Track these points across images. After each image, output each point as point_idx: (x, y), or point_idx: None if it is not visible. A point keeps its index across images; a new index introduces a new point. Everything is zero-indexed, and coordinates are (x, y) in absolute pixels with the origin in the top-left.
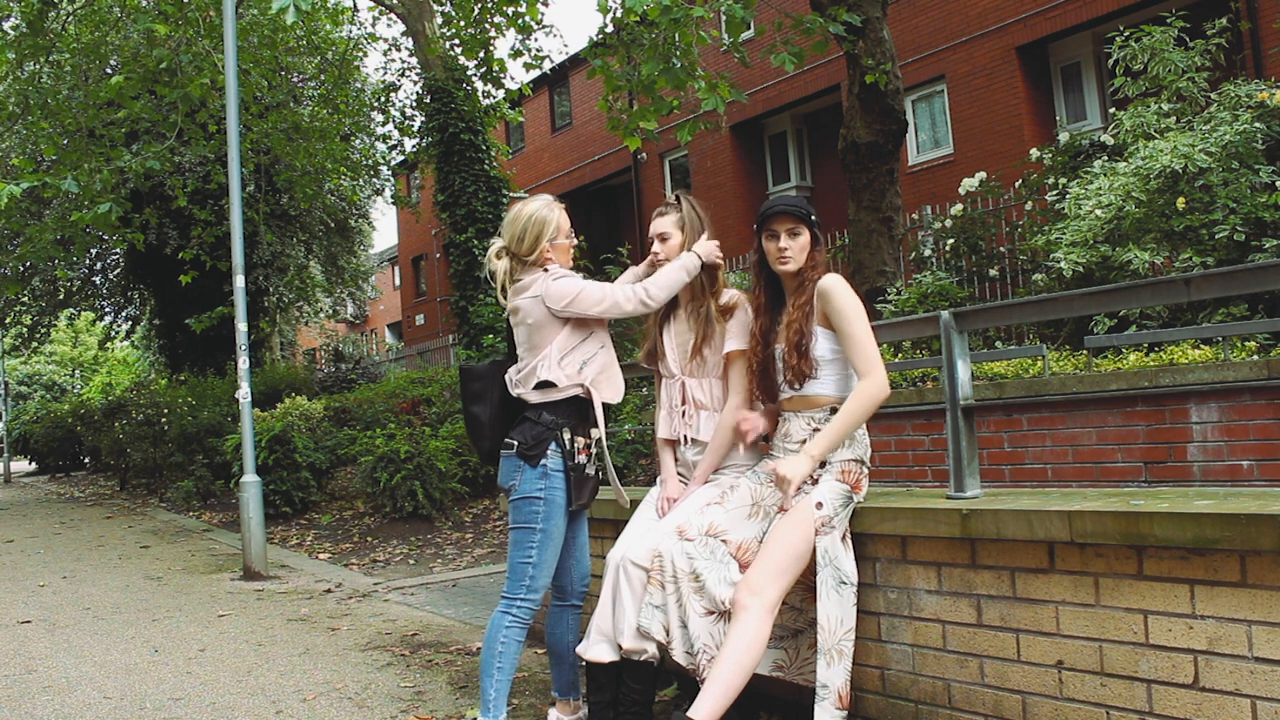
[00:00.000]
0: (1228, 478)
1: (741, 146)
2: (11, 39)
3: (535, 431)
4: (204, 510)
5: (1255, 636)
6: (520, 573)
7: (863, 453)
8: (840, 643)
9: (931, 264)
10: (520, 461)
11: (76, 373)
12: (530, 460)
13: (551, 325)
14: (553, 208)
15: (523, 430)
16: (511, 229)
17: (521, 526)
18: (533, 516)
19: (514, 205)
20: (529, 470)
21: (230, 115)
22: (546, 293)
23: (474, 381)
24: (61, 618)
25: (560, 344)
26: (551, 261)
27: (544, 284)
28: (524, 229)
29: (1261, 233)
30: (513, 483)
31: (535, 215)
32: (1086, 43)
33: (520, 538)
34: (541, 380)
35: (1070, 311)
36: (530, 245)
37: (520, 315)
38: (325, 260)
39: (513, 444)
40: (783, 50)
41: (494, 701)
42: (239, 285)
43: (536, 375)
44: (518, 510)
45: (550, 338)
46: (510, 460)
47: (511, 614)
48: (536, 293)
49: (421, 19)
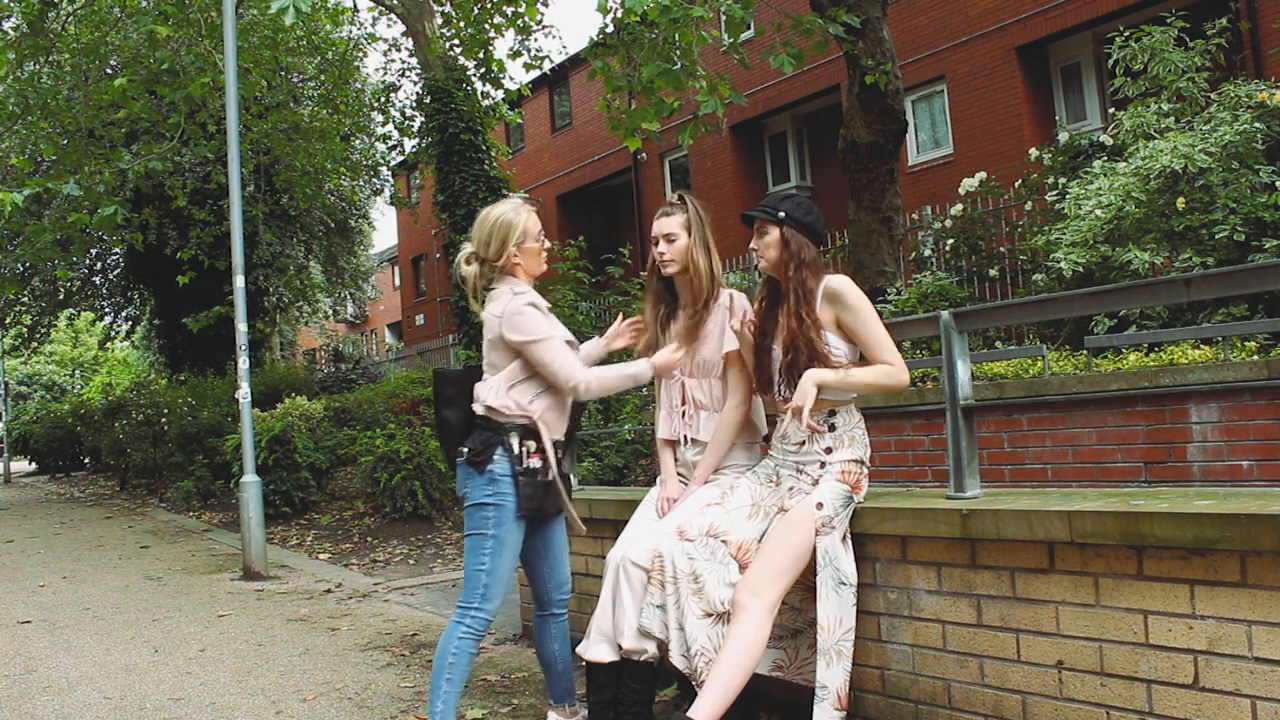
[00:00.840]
0: (1228, 478)
1: (741, 146)
2: (12, 39)
3: (483, 437)
4: (204, 510)
5: (1255, 636)
6: (474, 581)
7: (863, 453)
8: (839, 643)
9: (931, 264)
10: (470, 469)
11: (76, 373)
12: (478, 466)
13: (506, 349)
14: (520, 210)
15: (473, 436)
16: (479, 233)
17: (474, 534)
18: (483, 523)
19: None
20: (477, 476)
21: (230, 115)
22: (506, 318)
23: (447, 386)
24: (61, 618)
25: (511, 372)
26: (519, 268)
27: (507, 305)
28: (490, 233)
29: (1261, 233)
30: (465, 490)
31: (501, 219)
32: (1086, 43)
33: (473, 544)
34: (488, 405)
35: (1070, 311)
36: (497, 250)
37: (485, 328)
38: (325, 260)
39: (463, 451)
40: (782, 51)
41: (440, 714)
42: (239, 285)
43: (484, 399)
44: (470, 517)
45: (505, 361)
46: (463, 467)
47: (465, 624)
48: (498, 312)
49: (421, 19)
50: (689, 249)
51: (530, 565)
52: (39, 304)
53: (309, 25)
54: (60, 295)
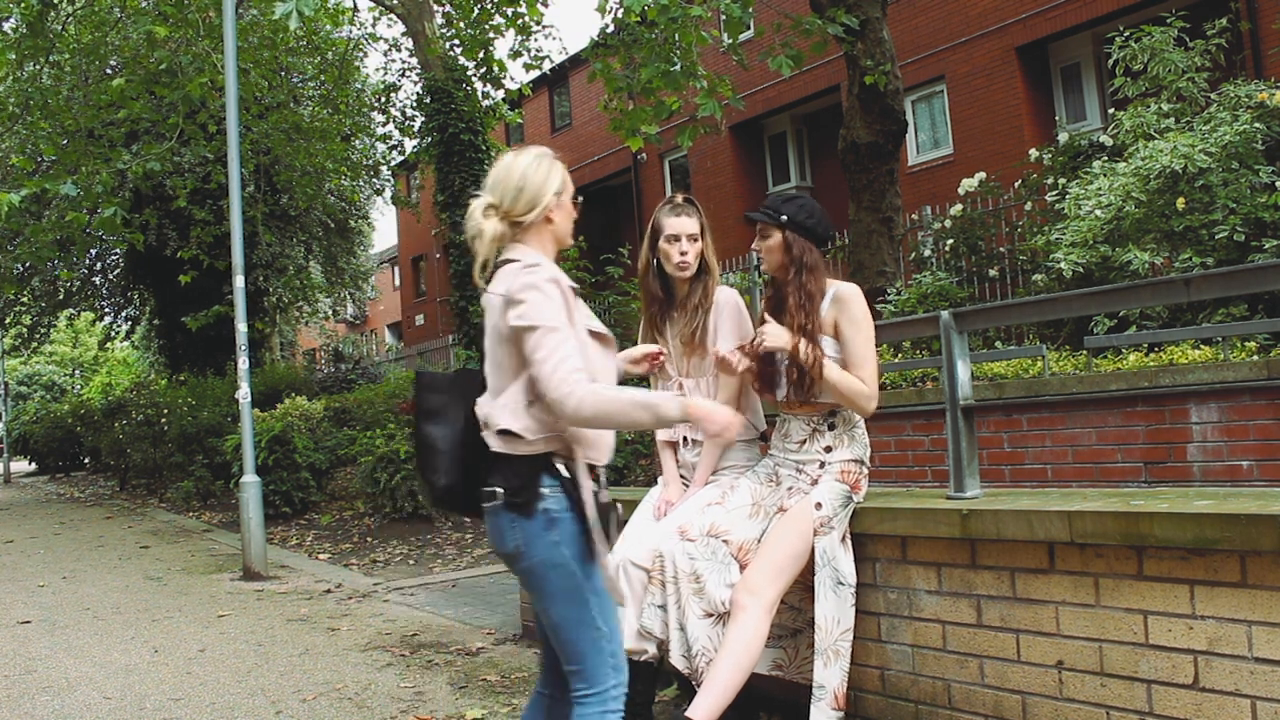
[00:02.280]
0: (1228, 478)
1: (741, 147)
2: (12, 39)
3: (520, 467)
4: (204, 510)
5: (1255, 637)
6: (597, 655)
7: (862, 453)
8: (837, 643)
9: (931, 264)
10: (513, 516)
11: (76, 373)
12: (524, 510)
13: (508, 344)
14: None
15: (499, 470)
16: (503, 182)
17: (561, 600)
18: (569, 579)
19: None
20: (528, 525)
21: (230, 115)
22: (513, 295)
23: (431, 393)
24: (61, 618)
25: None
26: (549, 230)
27: (517, 279)
28: (521, 181)
29: (1261, 233)
30: (516, 545)
31: (537, 164)
32: (1086, 43)
33: (567, 614)
34: (501, 429)
35: (1070, 311)
36: (529, 202)
37: (488, 315)
38: (325, 260)
39: (497, 492)
40: (781, 53)
41: None
42: (239, 285)
43: (496, 420)
44: (545, 583)
45: (506, 364)
46: (501, 517)
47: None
48: (500, 289)
49: (421, 19)
50: (703, 251)
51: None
52: (39, 304)
53: (309, 25)
54: (60, 295)
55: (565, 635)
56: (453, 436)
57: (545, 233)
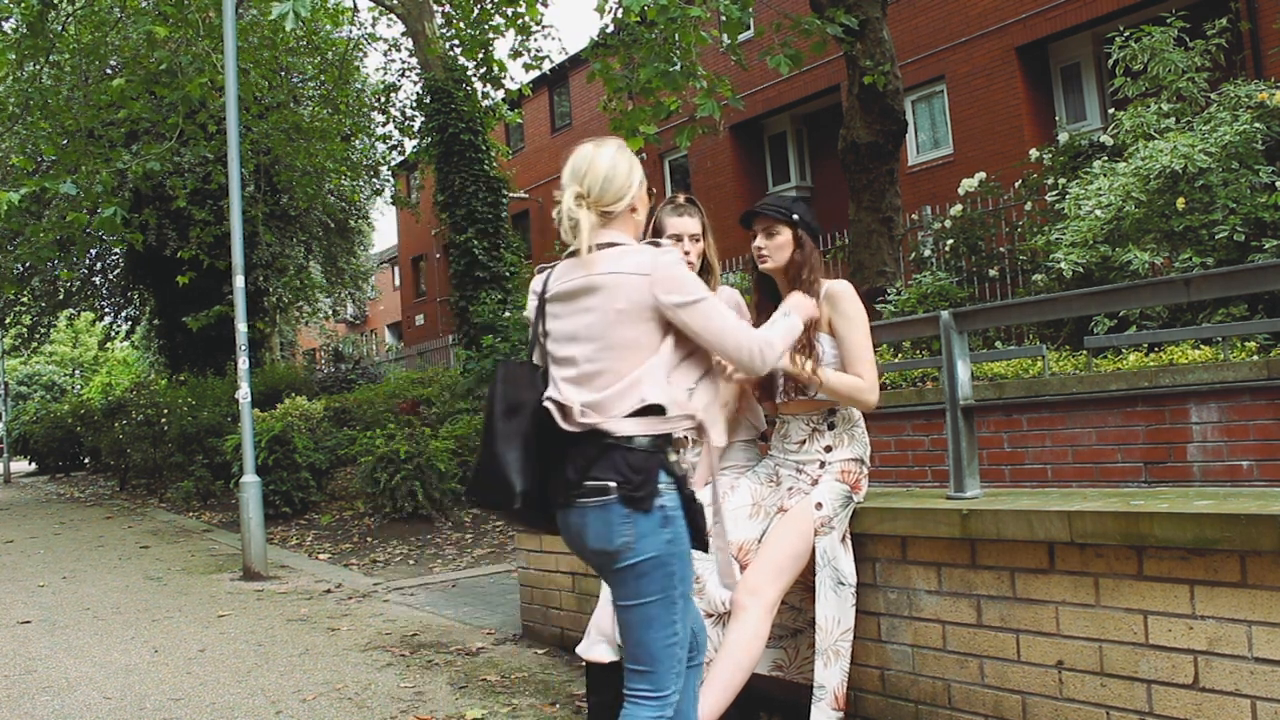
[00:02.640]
0: (1228, 478)
1: (741, 147)
2: (11, 40)
3: (636, 460)
4: (204, 510)
5: (1255, 637)
6: (668, 659)
7: (862, 452)
8: (837, 643)
9: (931, 264)
10: (627, 511)
11: (76, 373)
12: (641, 504)
13: (644, 324)
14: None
15: (613, 463)
16: (591, 173)
17: (655, 600)
18: (667, 582)
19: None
20: (643, 520)
21: (230, 115)
22: (656, 274)
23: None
24: (61, 618)
25: (666, 356)
26: (632, 220)
27: (653, 259)
28: (609, 172)
29: (1261, 233)
30: (624, 542)
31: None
32: (1086, 43)
33: (654, 615)
34: (648, 404)
35: (1070, 311)
36: (620, 190)
37: (597, 297)
38: (325, 260)
39: (609, 485)
40: (779, 53)
41: None
42: (239, 285)
43: (638, 395)
44: (645, 581)
45: (642, 341)
46: (610, 511)
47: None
48: (640, 269)
49: (421, 19)
50: (705, 251)
51: None
52: (39, 304)
53: (309, 25)
54: (60, 295)
55: (644, 635)
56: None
57: (630, 222)
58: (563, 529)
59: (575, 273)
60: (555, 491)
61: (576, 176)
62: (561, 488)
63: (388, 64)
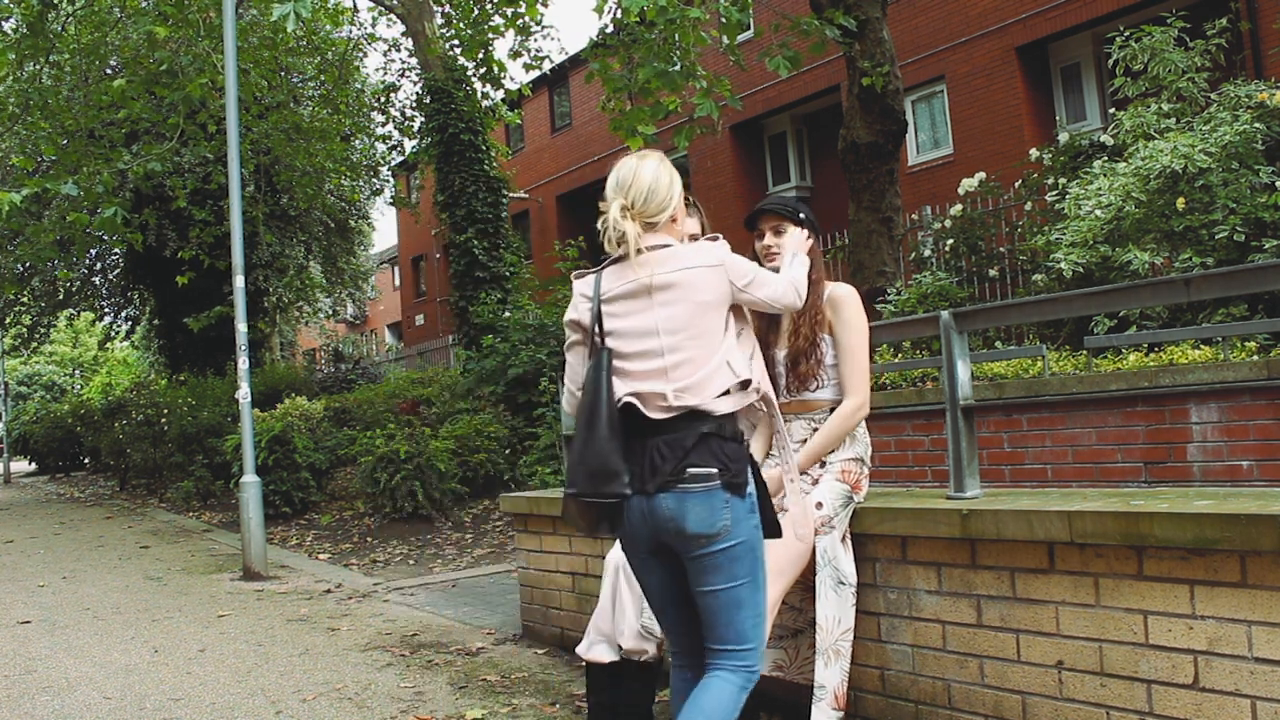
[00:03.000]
0: (1228, 478)
1: (741, 147)
2: (12, 40)
3: (731, 450)
4: (204, 510)
5: (1255, 637)
6: (757, 633)
7: (863, 452)
8: (838, 643)
9: (931, 264)
10: (728, 496)
11: (76, 373)
12: (739, 490)
13: (722, 310)
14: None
15: (711, 451)
16: (635, 185)
17: (743, 582)
18: (755, 566)
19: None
20: (739, 505)
21: (230, 115)
22: (727, 263)
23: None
24: (61, 618)
25: (734, 337)
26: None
27: (719, 253)
28: (654, 182)
29: (1261, 233)
30: (723, 524)
31: (664, 169)
32: (1086, 43)
33: (744, 596)
34: (740, 380)
35: (1070, 312)
36: (662, 203)
37: (676, 292)
38: (325, 260)
39: (712, 472)
40: (778, 54)
41: None
42: (239, 285)
43: (729, 374)
44: (739, 564)
45: (718, 327)
46: (714, 496)
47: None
48: (711, 261)
49: (421, 19)
50: None
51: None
52: (39, 304)
53: (309, 26)
54: (60, 295)
55: (734, 616)
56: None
57: (672, 231)
58: (646, 514)
59: (632, 274)
60: (641, 480)
61: (621, 189)
62: (651, 474)
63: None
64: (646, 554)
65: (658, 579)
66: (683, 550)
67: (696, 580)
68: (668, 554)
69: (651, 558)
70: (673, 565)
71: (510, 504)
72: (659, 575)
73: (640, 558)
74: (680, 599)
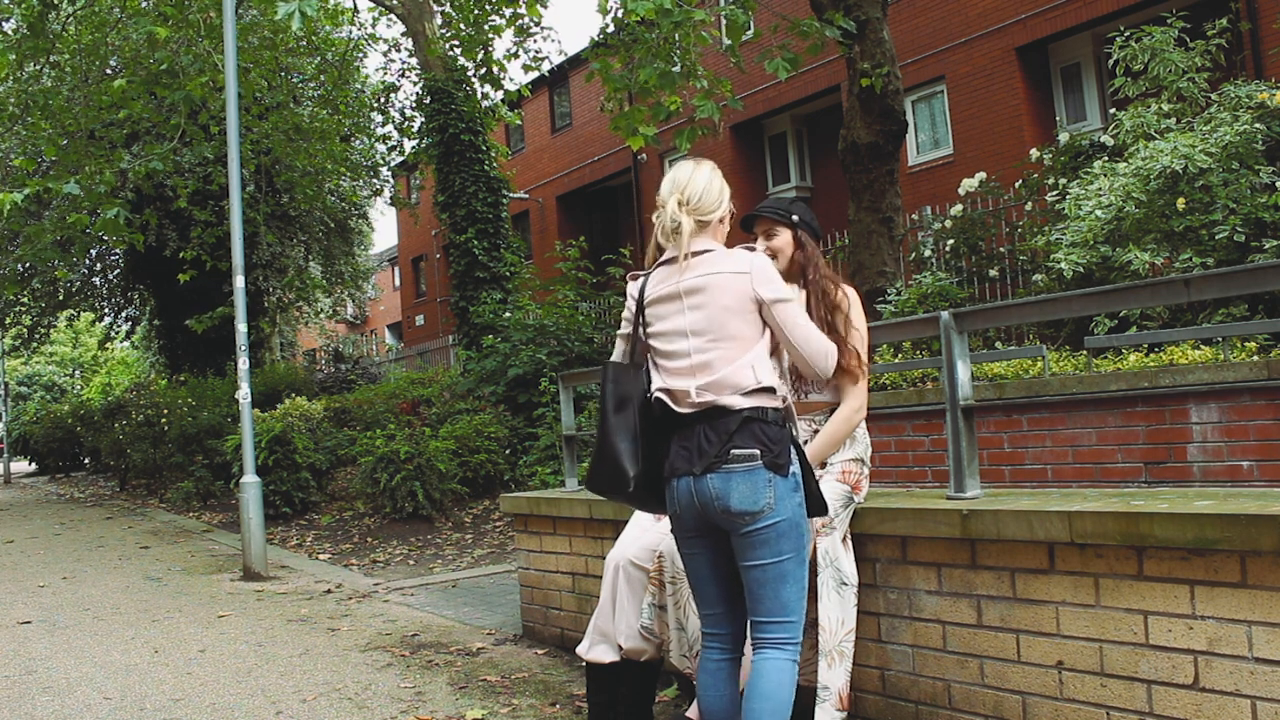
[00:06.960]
0: (1228, 478)
1: (741, 147)
2: (12, 40)
3: (774, 432)
4: (204, 511)
5: (1255, 637)
6: (802, 612)
7: (863, 452)
8: (841, 644)
9: (931, 264)
10: (770, 475)
11: (76, 373)
12: (782, 470)
13: (749, 315)
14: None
15: (753, 433)
16: (691, 185)
17: (788, 558)
18: (800, 542)
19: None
20: (782, 483)
21: (230, 116)
22: (754, 270)
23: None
24: (61, 618)
25: (766, 346)
26: (723, 225)
27: (750, 260)
28: (709, 183)
29: (1261, 233)
30: (766, 502)
31: (715, 173)
32: (1086, 43)
33: (789, 571)
34: (761, 386)
35: (1070, 312)
36: (713, 203)
37: (703, 296)
38: (325, 260)
39: (755, 452)
40: (777, 55)
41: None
42: (239, 286)
43: (751, 377)
44: (784, 541)
45: (746, 332)
46: (756, 475)
47: (795, 661)
48: (739, 268)
49: (421, 19)
50: None
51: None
52: (39, 304)
53: (309, 26)
54: (60, 296)
55: (779, 589)
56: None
57: (720, 232)
58: (692, 495)
59: (674, 277)
60: (684, 463)
61: (678, 187)
62: (699, 456)
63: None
64: (694, 531)
65: (701, 555)
66: (730, 528)
67: (743, 555)
68: (714, 532)
69: (697, 535)
70: (717, 543)
71: (510, 504)
72: (703, 552)
73: (687, 534)
74: (718, 577)
